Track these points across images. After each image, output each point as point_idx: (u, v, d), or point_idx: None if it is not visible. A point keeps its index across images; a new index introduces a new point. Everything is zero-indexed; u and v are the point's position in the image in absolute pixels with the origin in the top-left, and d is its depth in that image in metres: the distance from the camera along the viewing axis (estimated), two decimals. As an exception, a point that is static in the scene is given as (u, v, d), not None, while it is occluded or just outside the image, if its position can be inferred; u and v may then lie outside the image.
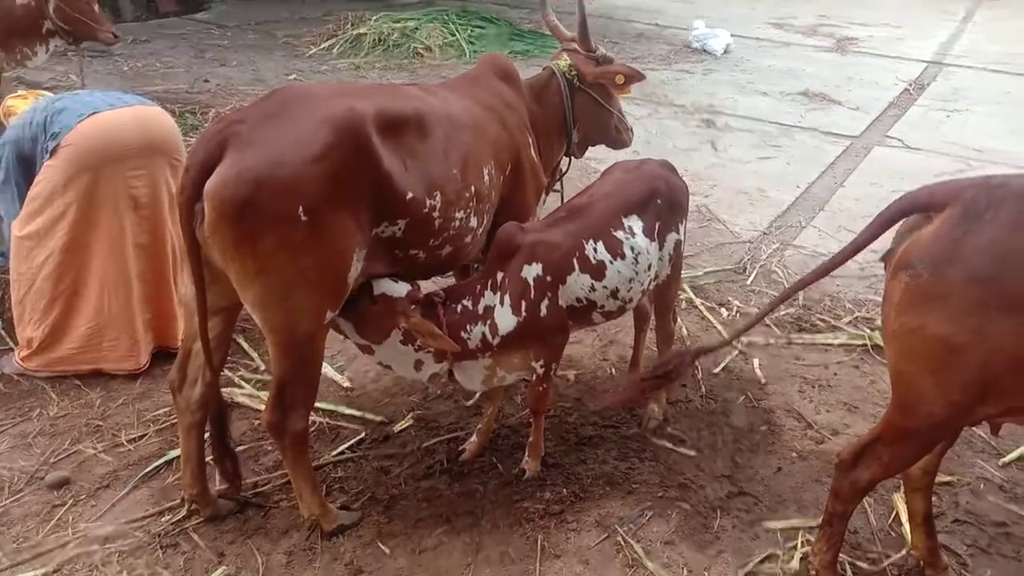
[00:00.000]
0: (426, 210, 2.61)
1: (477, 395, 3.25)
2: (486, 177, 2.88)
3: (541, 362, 2.87)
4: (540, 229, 2.89)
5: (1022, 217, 1.94)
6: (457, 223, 2.76)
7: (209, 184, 2.21)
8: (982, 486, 3.12)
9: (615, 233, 2.90)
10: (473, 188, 2.80)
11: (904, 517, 2.88)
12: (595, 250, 2.85)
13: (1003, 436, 3.36)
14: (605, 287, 2.87)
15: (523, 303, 2.76)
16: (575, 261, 2.82)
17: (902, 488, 3.04)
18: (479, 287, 2.82)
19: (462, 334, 2.77)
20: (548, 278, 2.78)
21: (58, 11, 5.85)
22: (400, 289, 2.67)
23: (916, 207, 2.14)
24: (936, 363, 2.07)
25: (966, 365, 2.01)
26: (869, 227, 2.22)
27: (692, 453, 3.24)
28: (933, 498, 2.99)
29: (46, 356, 3.50)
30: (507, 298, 2.77)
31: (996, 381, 2.00)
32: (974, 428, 3.41)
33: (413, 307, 2.66)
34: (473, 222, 2.85)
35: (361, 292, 2.62)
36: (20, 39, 5.92)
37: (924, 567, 2.70)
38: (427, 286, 3.16)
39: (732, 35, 10.98)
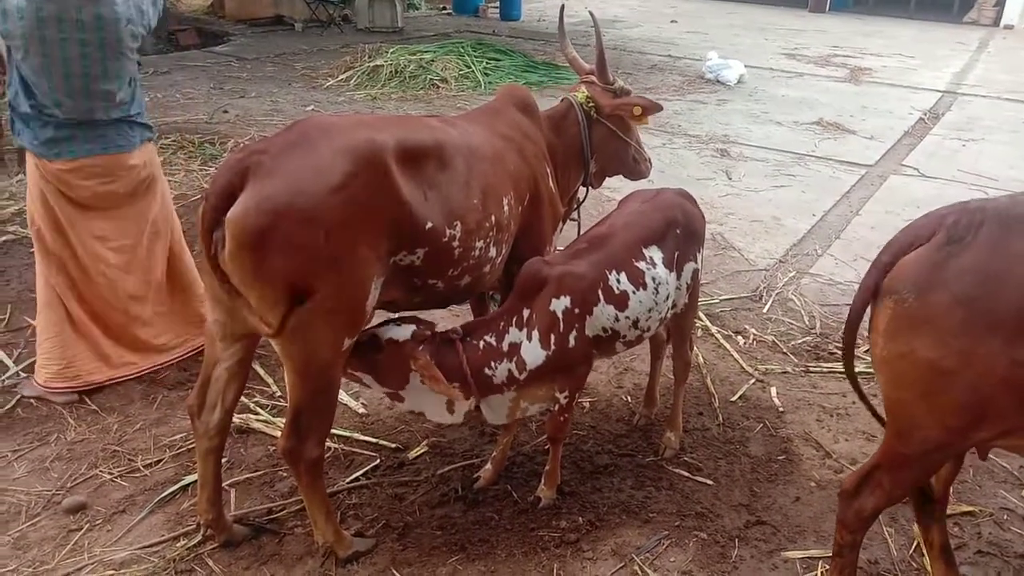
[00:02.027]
0: (445, 239, 2.63)
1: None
2: (505, 207, 2.90)
3: (565, 393, 2.86)
4: (564, 261, 2.88)
5: (1001, 238, 1.95)
6: (477, 253, 2.78)
7: (230, 213, 2.24)
8: (1005, 517, 3.07)
9: (637, 264, 2.91)
10: (493, 218, 2.82)
11: (925, 547, 2.83)
12: (618, 281, 2.85)
13: (1025, 466, 3.33)
14: (628, 317, 2.87)
15: (552, 336, 2.75)
16: (600, 292, 2.82)
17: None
18: (502, 324, 2.80)
19: (486, 371, 2.76)
20: (576, 310, 2.77)
21: None
22: (404, 331, 2.66)
23: (905, 247, 2.11)
24: (927, 387, 2.06)
25: (957, 388, 2.00)
26: (866, 282, 2.19)
27: (709, 482, 3.21)
28: (955, 529, 2.96)
29: (43, 374, 3.57)
30: (535, 333, 2.76)
31: (988, 402, 1.98)
32: (996, 458, 3.37)
33: (421, 347, 2.66)
34: (492, 252, 2.87)
35: (368, 342, 2.62)
36: None
37: None
38: (444, 315, 3.19)
39: (745, 66, 11.09)
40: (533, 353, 2.75)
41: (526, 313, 2.77)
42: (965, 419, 2.03)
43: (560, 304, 2.76)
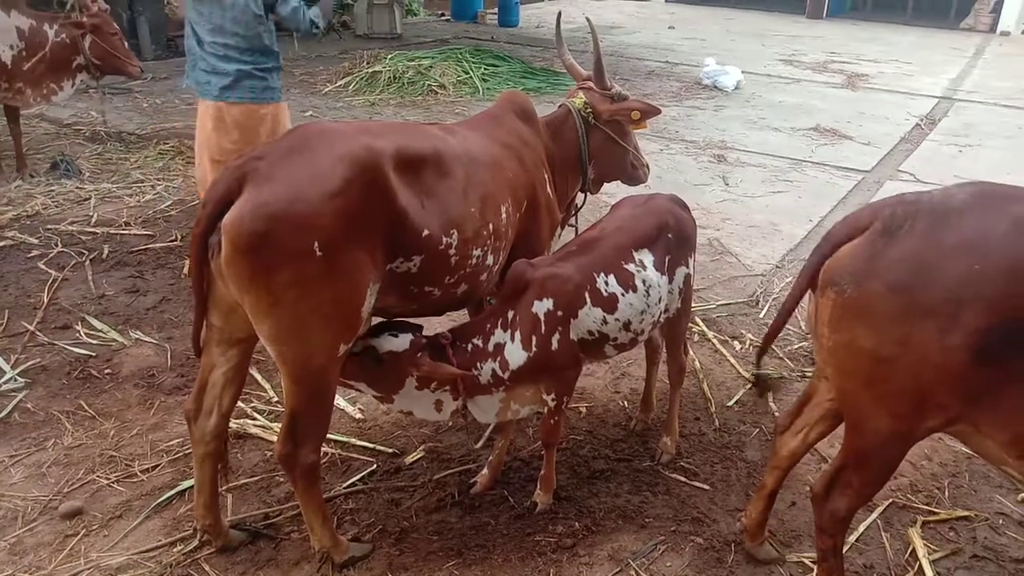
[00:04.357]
0: (442, 247, 2.64)
1: (485, 436, 3.26)
2: (504, 215, 2.91)
3: (552, 395, 2.87)
4: (550, 263, 2.90)
5: (935, 228, 2.01)
6: (474, 261, 2.78)
7: (227, 218, 2.25)
8: (1001, 521, 3.08)
9: (626, 266, 2.92)
10: (491, 226, 2.83)
11: (921, 552, 2.85)
12: (606, 283, 2.87)
13: (1021, 471, 3.33)
14: (617, 320, 2.88)
15: (533, 338, 2.77)
16: (587, 295, 2.84)
17: (918, 523, 3.02)
18: (488, 325, 2.82)
19: (473, 371, 2.78)
20: (559, 312, 2.79)
21: (93, 47, 6.10)
22: (402, 342, 2.67)
23: (843, 238, 2.19)
24: (870, 376, 2.11)
25: (897, 375, 2.05)
26: (804, 270, 2.31)
27: (706, 487, 3.21)
28: (951, 533, 2.98)
29: None
30: (517, 334, 2.78)
31: (928, 389, 2.03)
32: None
33: (419, 354, 2.68)
34: (490, 260, 2.88)
35: (365, 353, 2.63)
36: (50, 76, 6.11)
37: (747, 535, 2.83)
38: (443, 321, 3.20)
39: (743, 72, 11.11)
40: (515, 354, 2.77)
41: (510, 314, 2.79)
42: (908, 406, 2.08)
43: (542, 306, 2.77)
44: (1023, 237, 1.91)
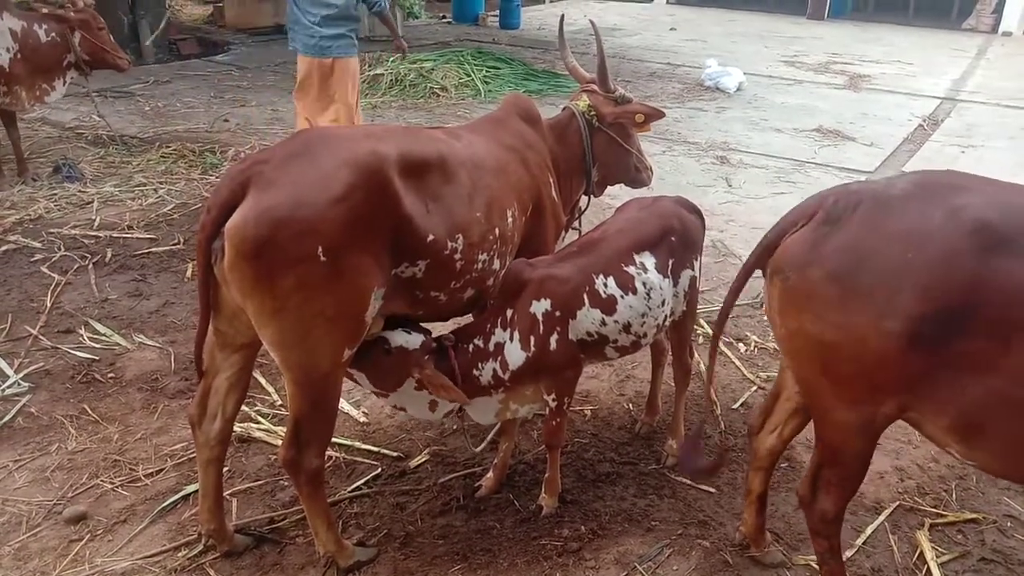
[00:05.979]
0: (447, 252, 2.63)
1: (485, 443, 3.25)
2: (509, 219, 2.90)
3: (553, 396, 2.86)
4: (549, 264, 2.90)
5: (874, 217, 2.05)
6: (480, 265, 2.78)
7: (230, 223, 2.24)
8: (1009, 524, 3.07)
9: (626, 269, 2.91)
10: (497, 230, 2.82)
11: (929, 555, 2.83)
12: (605, 285, 2.86)
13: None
14: (616, 322, 2.87)
15: (532, 338, 2.77)
16: (585, 296, 2.83)
17: (926, 526, 3.01)
18: (489, 325, 2.83)
19: (474, 372, 2.78)
20: (557, 313, 2.78)
21: (83, 42, 6.19)
22: (414, 340, 2.67)
23: (789, 226, 2.23)
24: (819, 362, 2.14)
25: (842, 361, 2.08)
26: (752, 255, 2.35)
27: (712, 490, 3.20)
28: (959, 536, 2.97)
29: None
30: (516, 334, 2.78)
31: (872, 375, 2.05)
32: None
33: (427, 357, 2.67)
34: (496, 264, 2.87)
35: (374, 344, 2.63)
36: (43, 76, 6.15)
37: (749, 544, 2.81)
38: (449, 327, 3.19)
39: (745, 73, 11.10)
40: (515, 354, 2.77)
41: (509, 314, 2.79)
42: (860, 392, 2.10)
43: (540, 307, 2.77)
44: (956, 226, 1.94)
